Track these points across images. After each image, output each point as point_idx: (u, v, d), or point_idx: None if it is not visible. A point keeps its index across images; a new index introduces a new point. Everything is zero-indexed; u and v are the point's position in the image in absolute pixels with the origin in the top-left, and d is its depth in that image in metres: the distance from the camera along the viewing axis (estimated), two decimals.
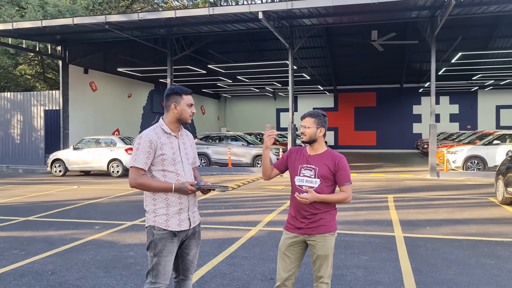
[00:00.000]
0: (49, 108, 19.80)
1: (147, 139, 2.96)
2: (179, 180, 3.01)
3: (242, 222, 7.80)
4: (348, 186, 3.21)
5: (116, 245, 6.28)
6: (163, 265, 2.99)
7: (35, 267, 5.32)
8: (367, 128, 32.79)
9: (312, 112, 3.30)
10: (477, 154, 15.59)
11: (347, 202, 3.24)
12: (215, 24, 15.71)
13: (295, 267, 3.30)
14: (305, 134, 3.26)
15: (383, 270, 5.05)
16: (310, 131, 3.25)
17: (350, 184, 3.23)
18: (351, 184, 3.23)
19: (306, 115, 3.30)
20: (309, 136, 3.25)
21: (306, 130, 3.26)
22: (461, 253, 5.72)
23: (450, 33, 21.35)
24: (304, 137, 3.27)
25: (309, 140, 3.26)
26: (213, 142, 18.99)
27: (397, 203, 9.60)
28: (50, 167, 16.75)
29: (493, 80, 27.80)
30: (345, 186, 3.21)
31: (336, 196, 3.20)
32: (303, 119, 3.30)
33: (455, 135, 24.30)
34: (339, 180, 3.21)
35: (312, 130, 3.25)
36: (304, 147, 3.39)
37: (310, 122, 3.26)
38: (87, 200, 10.43)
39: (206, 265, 5.26)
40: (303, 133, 3.27)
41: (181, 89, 3.09)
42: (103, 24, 14.82)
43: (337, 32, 23.95)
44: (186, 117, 3.06)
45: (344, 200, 3.21)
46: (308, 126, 3.25)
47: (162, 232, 2.98)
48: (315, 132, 3.24)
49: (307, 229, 3.21)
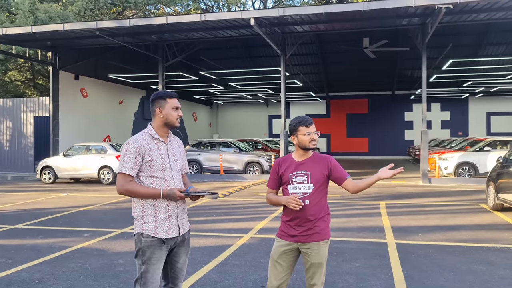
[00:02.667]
0: (39, 115, 19.61)
1: (134, 145, 2.91)
2: (167, 186, 2.96)
3: (233, 229, 7.73)
4: (350, 179, 3.21)
5: (106, 253, 6.19)
6: (152, 273, 2.92)
7: (22, 275, 5.21)
8: (359, 134, 32.91)
9: (311, 119, 3.26)
10: (468, 160, 15.68)
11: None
12: (207, 31, 15.71)
13: (287, 275, 3.24)
14: (315, 140, 3.21)
15: (375, 277, 5.01)
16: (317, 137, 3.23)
17: (351, 177, 3.24)
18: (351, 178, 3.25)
19: (311, 122, 3.23)
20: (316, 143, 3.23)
21: (315, 137, 3.21)
22: (453, 259, 5.70)
23: (441, 40, 21.54)
24: (315, 144, 3.21)
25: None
26: (205, 149, 18.91)
27: (389, 210, 9.59)
28: (39, 174, 16.56)
29: (484, 87, 28.07)
30: (348, 180, 3.20)
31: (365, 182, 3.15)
32: (311, 125, 3.20)
33: (446, 141, 24.42)
34: (339, 176, 3.20)
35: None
36: (289, 155, 3.35)
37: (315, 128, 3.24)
38: (76, 208, 10.31)
39: (196, 273, 5.19)
40: (315, 139, 3.20)
41: (165, 93, 3.06)
42: (94, 30, 14.75)
43: (329, 39, 24.07)
44: (172, 120, 3.02)
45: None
46: (317, 133, 3.23)
47: (151, 240, 2.92)
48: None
49: (301, 236, 3.17)
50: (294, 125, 3.20)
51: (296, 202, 3.05)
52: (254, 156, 17.71)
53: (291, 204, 3.07)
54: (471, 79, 24.82)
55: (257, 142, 24.27)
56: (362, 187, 3.15)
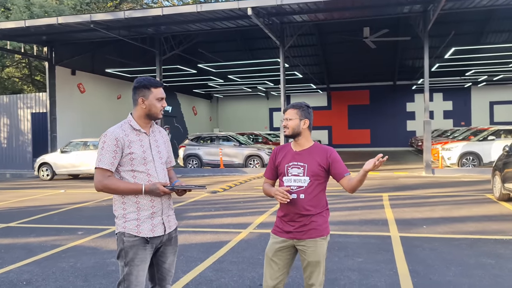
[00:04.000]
0: (36, 111, 19.38)
1: (112, 137, 2.66)
2: (150, 181, 2.71)
3: (232, 224, 7.50)
4: (349, 176, 2.92)
5: (99, 251, 5.97)
6: (135, 275, 2.68)
7: (10, 276, 4.99)
8: (360, 126, 32.60)
9: (294, 104, 3.03)
10: (472, 150, 15.40)
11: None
12: (203, 22, 15.41)
13: (284, 274, 3.00)
14: (287, 127, 2.98)
15: (378, 272, 4.77)
16: (293, 123, 2.96)
17: (350, 175, 2.94)
18: (350, 175, 2.94)
19: (288, 107, 3.02)
20: (291, 129, 2.96)
21: (288, 123, 2.98)
22: (459, 252, 5.46)
23: (443, 28, 21.17)
24: (286, 131, 2.99)
25: (293, 134, 2.98)
26: (205, 142, 18.66)
27: (392, 202, 9.34)
28: (37, 171, 16.35)
29: (486, 76, 27.68)
30: (346, 177, 2.92)
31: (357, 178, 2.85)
32: (285, 112, 3.03)
33: (449, 131, 24.13)
34: (338, 172, 2.92)
35: (294, 122, 2.96)
36: (288, 144, 3.10)
37: (292, 113, 2.98)
38: (72, 205, 10.09)
39: (191, 272, 4.96)
40: (286, 126, 2.99)
41: (149, 81, 2.77)
42: (88, 24, 14.45)
43: (329, 29, 23.72)
44: (155, 112, 2.76)
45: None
46: (290, 118, 2.97)
47: (133, 239, 2.67)
48: (298, 124, 2.96)
49: (296, 233, 2.92)
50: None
51: (282, 195, 2.80)
52: (254, 149, 17.45)
53: (278, 197, 2.83)
54: (473, 67, 24.45)
55: (258, 135, 24.00)
56: (355, 186, 2.86)
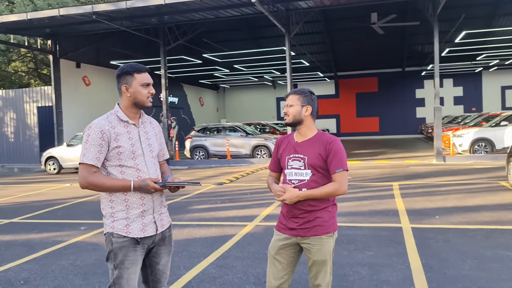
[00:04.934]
0: (42, 105, 19.29)
1: (97, 129, 2.44)
2: (140, 176, 2.49)
3: (238, 217, 7.30)
4: (340, 174, 2.61)
5: (100, 247, 5.81)
6: (126, 278, 2.48)
7: (8, 275, 4.84)
8: (369, 114, 32.17)
9: (296, 89, 2.78)
10: (484, 136, 15.00)
11: (340, 194, 2.63)
12: (207, 11, 15.11)
13: (288, 274, 2.78)
14: (288, 114, 2.74)
15: (390, 267, 4.54)
16: (294, 110, 2.72)
17: (344, 171, 2.62)
18: (345, 172, 2.63)
19: (290, 93, 2.78)
20: (292, 116, 2.72)
21: (289, 110, 2.73)
22: (475, 244, 5.21)
23: (452, 12, 20.62)
24: (287, 118, 2.75)
25: (293, 121, 2.73)
26: (211, 134, 18.45)
27: (403, 191, 9.07)
28: (44, 165, 16.30)
29: (498, 60, 27.06)
30: (336, 174, 2.61)
31: (324, 188, 2.61)
32: (286, 98, 2.79)
33: (460, 118, 23.66)
34: (330, 166, 2.63)
35: (296, 109, 2.71)
36: (291, 134, 2.86)
37: (293, 99, 2.73)
38: (77, 199, 9.96)
39: (194, 268, 4.77)
40: (286, 113, 2.75)
41: (132, 67, 2.55)
42: (90, 15, 14.22)
43: (336, 16, 23.26)
44: (142, 99, 2.53)
45: (335, 192, 2.61)
46: (291, 105, 2.73)
47: (122, 240, 2.47)
48: (300, 111, 2.71)
49: (300, 230, 2.69)
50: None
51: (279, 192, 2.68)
52: (261, 139, 17.21)
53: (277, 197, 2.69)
54: (485, 51, 23.90)
55: (265, 125, 23.75)
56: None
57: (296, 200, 2.62)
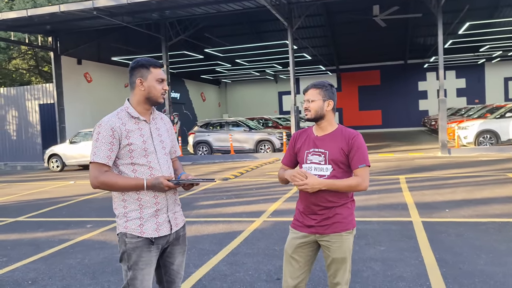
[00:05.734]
0: (44, 102, 19.21)
1: (107, 127, 2.35)
2: (153, 174, 2.41)
3: (245, 213, 7.23)
4: (363, 169, 2.55)
5: (108, 245, 5.74)
6: (140, 279, 2.41)
7: (15, 275, 4.78)
8: (372, 107, 32.04)
9: (316, 83, 2.67)
10: (490, 128, 14.89)
11: (362, 189, 2.57)
12: (209, 5, 14.99)
13: (305, 273, 2.71)
14: (309, 109, 2.63)
15: (403, 262, 4.47)
16: (315, 105, 2.62)
17: (366, 167, 2.57)
18: (367, 168, 2.57)
19: (310, 87, 2.67)
20: (314, 112, 2.62)
21: (310, 105, 2.62)
22: (488, 238, 5.13)
23: (456, 3, 20.44)
24: (308, 114, 2.64)
25: (315, 117, 2.63)
26: (214, 129, 18.38)
27: (410, 184, 8.99)
28: (47, 163, 16.25)
29: (501, 51, 26.88)
30: (359, 169, 2.55)
31: (347, 181, 2.54)
32: (306, 92, 2.67)
33: (463, 110, 23.53)
34: (352, 162, 2.57)
35: (317, 104, 2.62)
36: (309, 128, 2.77)
37: (314, 94, 2.63)
38: (82, 196, 9.90)
39: (204, 265, 4.70)
40: (307, 108, 2.64)
41: (148, 61, 2.45)
42: (91, 11, 14.11)
43: (337, 9, 23.07)
44: (156, 95, 2.44)
45: (357, 186, 2.54)
46: (312, 100, 2.62)
47: (136, 240, 2.39)
48: (322, 106, 2.62)
49: (319, 227, 2.61)
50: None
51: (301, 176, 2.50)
52: (265, 134, 17.12)
53: (295, 180, 2.51)
54: (488, 43, 23.71)
55: (268, 120, 23.65)
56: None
57: (318, 188, 2.50)
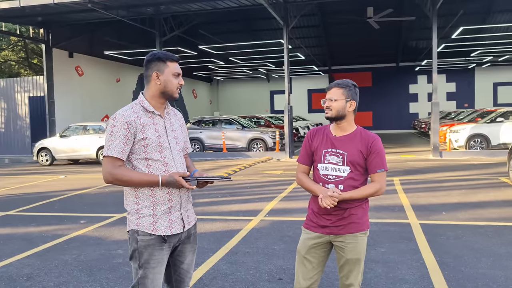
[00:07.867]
0: (34, 95, 18.91)
1: (123, 120, 2.28)
2: (167, 170, 2.35)
3: (241, 211, 7.18)
4: (381, 174, 2.56)
5: (103, 241, 5.65)
6: (151, 278, 2.34)
7: (10, 271, 4.67)
8: (363, 108, 31.99)
9: (340, 82, 2.64)
10: (480, 132, 15.02)
11: (379, 195, 2.58)
12: (205, 2, 14.87)
13: (318, 274, 2.67)
14: (330, 108, 2.59)
15: (405, 264, 4.46)
16: (338, 104, 2.58)
17: (384, 172, 2.56)
18: (385, 172, 2.57)
19: (333, 86, 2.64)
20: (336, 111, 2.58)
21: (332, 104, 2.59)
22: (487, 241, 5.15)
23: (450, 7, 20.56)
24: (329, 113, 2.60)
25: (336, 116, 2.60)
26: (207, 126, 18.27)
27: (404, 186, 9.02)
28: (36, 157, 15.99)
29: (492, 57, 27.17)
30: (377, 174, 2.55)
31: (366, 190, 2.54)
32: (329, 91, 2.64)
33: (453, 113, 23.75)
34: (371, 166, 2.55)
35: (340, 104, 2.58)
36: (326, 127, 2.72)
37: (337, 93, 2.60)
38: (74, 191, 9.76)
39: (204, 264, 4.65)
40: (329, 107, 2.60)
41: (165, 55, 2.39)
42: (85, 3, 13.89)
43: (332, 9, 23.07)
44: (172, 89, 2.38)
45: (376, 193, 2.55)
46: (335, 99, 2.59)
47: (148, 238, 2.32)
48: (344, 106, 2.59)
49: (334, 227, 2.58)
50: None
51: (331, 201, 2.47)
52: (257, 132, 17.07)
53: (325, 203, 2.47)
54: (479, 48, 23.95)
55: (260, 119, 23.60)
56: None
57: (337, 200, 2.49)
